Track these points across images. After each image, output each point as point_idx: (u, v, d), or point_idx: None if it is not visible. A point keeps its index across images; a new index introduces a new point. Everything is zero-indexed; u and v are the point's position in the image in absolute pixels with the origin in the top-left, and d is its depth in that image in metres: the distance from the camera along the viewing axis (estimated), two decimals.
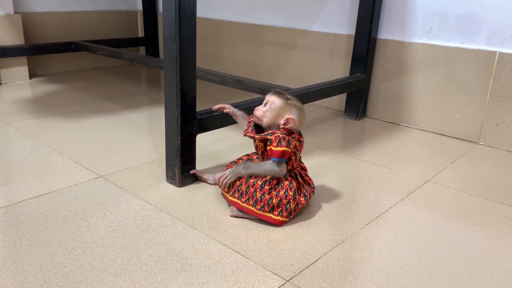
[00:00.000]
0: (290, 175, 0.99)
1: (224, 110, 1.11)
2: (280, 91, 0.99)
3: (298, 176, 1.01)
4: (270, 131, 0.98)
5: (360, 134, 1.62)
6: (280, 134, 0.95)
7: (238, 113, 1.11)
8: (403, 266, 0.84)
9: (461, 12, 1.52)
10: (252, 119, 1.04)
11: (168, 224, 0.95)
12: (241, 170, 0.98)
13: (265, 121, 0.98)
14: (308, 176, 1.05)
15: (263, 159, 1.00)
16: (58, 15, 2.32)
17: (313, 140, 1.51)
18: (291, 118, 0.96)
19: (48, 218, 0.95)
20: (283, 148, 0.94)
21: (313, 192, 1.05)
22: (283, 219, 0.96)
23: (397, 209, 1.06)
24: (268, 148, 0.97)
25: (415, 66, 1.65)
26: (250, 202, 0.96)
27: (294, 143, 0.96)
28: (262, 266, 0.82)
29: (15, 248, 0.84)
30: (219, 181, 1.01)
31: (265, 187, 0.95)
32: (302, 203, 0.98)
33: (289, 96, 0.99)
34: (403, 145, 1.51)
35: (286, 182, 0.97)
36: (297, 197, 0.97)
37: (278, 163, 0.95)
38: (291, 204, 0.95)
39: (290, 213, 0.96)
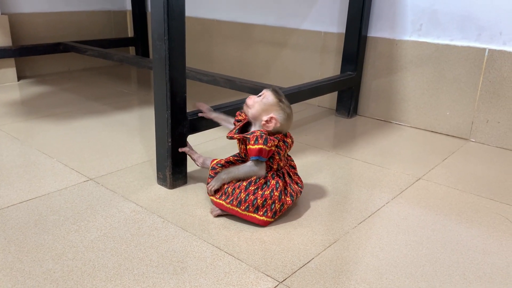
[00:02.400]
0: (277, 175, 0.98)
1: (199, 114, 1.11)
2: (278, 91, 0.99)
3: (286, 175, 1.00)
4: (250, 131, 0.97)
5: (351, 132, 1.62)
6: (259, 133, 0.95)
7: (213, 115, 1.11)
8: (396, 265, 0.84)
9: (451, 9, 1.52)
10: (239, 117, 1.03)
11: (159, 227, 0.94)
12: (223, 176, 0.98)
13: (251, 111, 0.98)
14: (297, 175, 1.04)
15: (245, 161, 1.00)
16: (46, 15, 2.29)
17: (305, 139, 1.51)
18: (274, 117, 0.95)
19: (37, 222, 0.94)
20: (260, 146, 0.93)
21: (300, 192, 1.04)
22: (268, 219, 0.95)
23: (389, 208, 1.06)
24: (247, 147, 0.96)
25: (405, 63, 1.65)
26: (234, 203, 0.95)
27: (273, 142, 0.94)
28: (255, 268, 0.82)
29: (3, 254, 0.83)
30: (207, 189, 1.01)
31: (250, 187, 0.94)
32: (288, 203, 0.97)
33: (283, 99, 0.98)
34: (394, 143, 1.51)
35: (273, 182, 0.96)
36: (282, 197, 0.96)
37: (257, 162, 0.95)
38: (276, 204, 0.95)
39: (275, 213, 0.95)
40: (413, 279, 0.80)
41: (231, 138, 1.00)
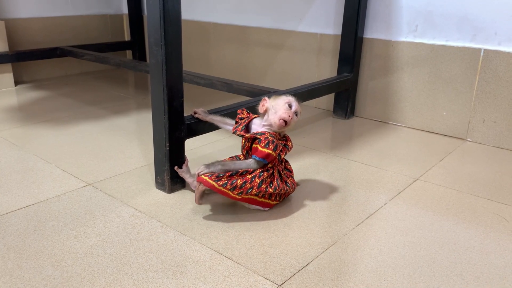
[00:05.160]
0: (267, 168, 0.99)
1: (195, 115, 1.12)
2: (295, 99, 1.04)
3: (275, 173, 1.01)
4: (260, 131, 0.99)
5: (349, 133, 1.63)
6: (270, 136, 0.96)
7: (208, 117, 1.12)
8: (394, 266, 0.85)
9: (446, 10, 1.53)
10: (242, 115, 1.05)
11: (158, 231, 0.94)
12: (218, 166, 0.96)
13: (266, 132, 1.00)
14: (292, 177, 1.07)
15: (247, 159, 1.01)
16: (43, 20, 2.29)
17: (302, 141, 1.51)
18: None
19: (36, 229, 0.94)
20: (269, 151, 0.95)
21: (287, 190, 1.03)
22: (235, 195, 0.95)
23: (387, 209, 1.07)
24: (254, 145, 0.97)
25: (401, 64, 1.66)
26: (228, 187, 0.95)
27: (279, 148, 0.98)
28: (254, 271, 0.82)
29: (2, 261, 0.83)
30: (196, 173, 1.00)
31: (262, 186, 0.96)
32: (267, 193, 0.98)
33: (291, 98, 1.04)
34: (391, 144, 1.52)
35: (275, 183, 0.99)
36: (262, 186, 0.96)
37: (258, 163, 0.97)
38: (254, 190, 0.95)
39: (243, 193, 0.96)
40: (412, 280, 0.81)
41: (241, 135, 1.01)
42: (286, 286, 0.78)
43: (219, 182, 0.94)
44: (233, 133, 1.03)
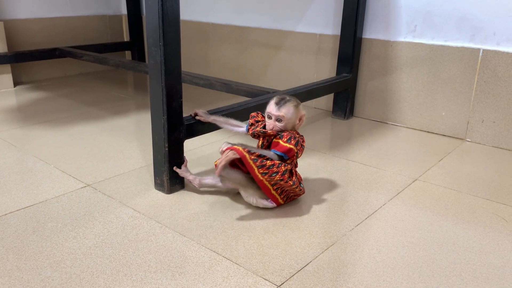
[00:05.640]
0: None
1: (196, 117, 1.13)
2: (281, 99, 1.01)
3: (293, 169, 1.03)
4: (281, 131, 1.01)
5: (348, 134, 1.63)
6: (290, 133, 0.99)
7: (211, 118, 1.12)
8: (394, 267, 0.85)
9: (445, 11, 1.53)
10: (258, 118, 1.07)
11: (157, 232, 0.94)
12: (253, 150, 0.98)
13: (287, 127, 1.01)
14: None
15: None
16: (42, 21, 2.29)
17: None
18: (303, 114, 1.03)
19: (35, 230, 0.94)
20: (291, 146, 0.98)
21: (300, 190, 1.05)
22: (259, 174, 0.96)
23: (386, 209, 1.07)
24: (275, 140, 0.99)
25: (400, 64, 1.66)
26: (258, 163, 0.96)
27: (300, 145, 1.00)
28: (253, 272, 0.82)
29: (1, 262, 0.83)
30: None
31: (286, 175, 0.98)
32: (288, 184, 0.99)
33: (287, 98, 1.02)
34: (390, 144, 1.52)
35: (289, 166, 1.00)
36: (285, 175, 0.97)
37: (280, 158, 0.99)
38: (278, 176, 0.96)
39: (270, 181, 0.97)
40: (411, 280, 0.81)
41: (263, 133, 1.01)
42: (285, 287, 0.78)
43: (251, 156, 0.96)
44: (251, 134, 1.04)
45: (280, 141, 0.98)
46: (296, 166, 1.06)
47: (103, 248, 0.88)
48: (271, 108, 1.00)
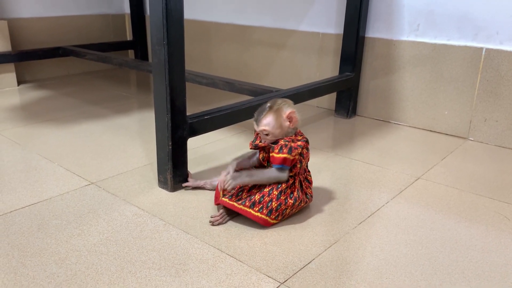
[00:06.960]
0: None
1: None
2: (259, 113, 0.97)
3: (297, 183, 1.00)
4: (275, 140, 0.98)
5: (350, 132, 1.63)
6: (283, 142, 0.95)
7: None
8: (396, 264, 0.85)
9: (447, 10, 1.53)
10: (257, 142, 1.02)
11: (161, 230, 0.95)
12: (245, 178, 0.97)
13: (275, 135, 0.97)
14: (310, 188, 1.04)
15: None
16: (45, 20, 2.30)
17: None
18: (288, 113, 0.95)
19: (40, 227, 0.95)
20: (284, 155, 0.94)
21: (306, 202, 1.03)
22: (263, 216, 0.95)
23: (389, 208, 1.07)
24: (270, 155, 0.97)
25: (403, 63, 1.66)
26: (247, 204, 0.96)
27: (297, 151, 0.95)
28: (256, 269, 0.82)
29: (7, 259, 0.84)
30: (219, 183, 1.00)
31: (281, 197, 0.96)
32: (288, 204, 0.97)
33: (265, 106, 0.97)
34: (393, 143, 1.52)
35: (296, 194, 0.98)
36: (281, 197, 0.96)
37: (281, 170, 0.96)
38: (273, 202, 0.95)
39: (271, 212, 0.95)
40: (413, 278, 0.81)
41: (256, 147, 1.00)
42: (289, 284, 0.79)
43: (239, 202, 0.96)
44: (251, 148, 1.01)
45: (274, 154, 0.95)
46: (305, 171, 1.03)
47: (108, 245, 0.88)
48: (254, 125, 0.98)
